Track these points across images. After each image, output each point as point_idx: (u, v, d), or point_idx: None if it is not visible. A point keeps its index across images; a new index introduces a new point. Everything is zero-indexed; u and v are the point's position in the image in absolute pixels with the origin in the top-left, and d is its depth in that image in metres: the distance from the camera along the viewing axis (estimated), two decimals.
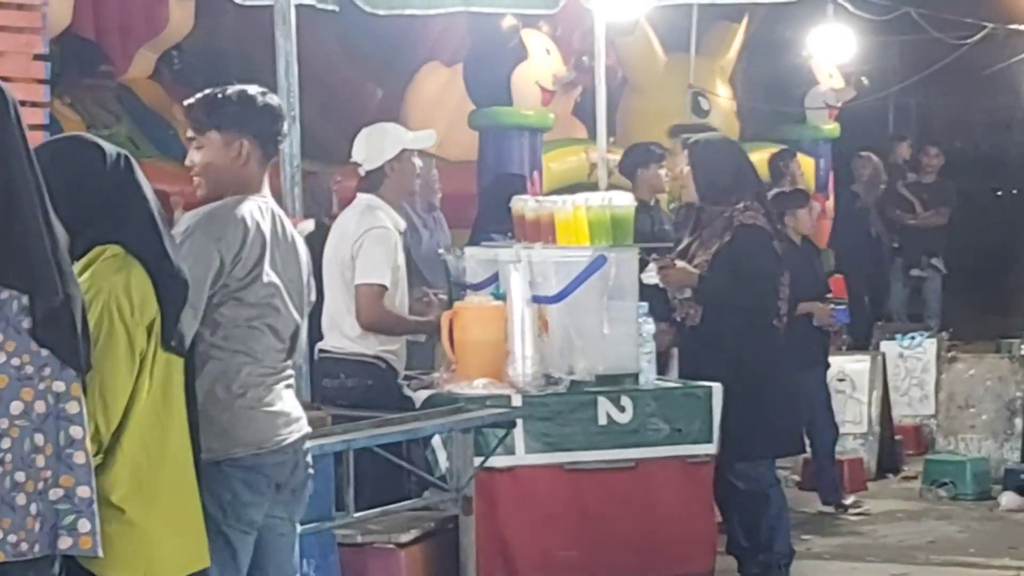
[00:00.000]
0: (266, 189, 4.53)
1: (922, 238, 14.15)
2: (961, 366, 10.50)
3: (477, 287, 6.96)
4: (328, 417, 5.85)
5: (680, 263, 6.90)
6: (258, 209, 4.43)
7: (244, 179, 4.47)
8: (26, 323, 3.46)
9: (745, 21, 14.14)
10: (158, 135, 11.29)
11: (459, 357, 6.63)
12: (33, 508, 3.47)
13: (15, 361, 3.45)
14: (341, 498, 5.53)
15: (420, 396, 6.59)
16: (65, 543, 3.52)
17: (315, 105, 9.16)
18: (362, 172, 6.68)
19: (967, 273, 15.43)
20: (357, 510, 5.60)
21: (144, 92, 11.83)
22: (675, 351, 7.44)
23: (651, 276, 6.90)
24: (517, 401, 6.39)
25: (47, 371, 3.49)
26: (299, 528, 4.70)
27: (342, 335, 6.59)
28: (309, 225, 6.34)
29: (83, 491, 3.55)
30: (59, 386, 3.51)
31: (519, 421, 6.35)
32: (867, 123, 16.20)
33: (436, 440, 6.33)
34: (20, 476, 3.45)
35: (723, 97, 13.83)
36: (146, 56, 12.00)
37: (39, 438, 3.48)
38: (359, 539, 5.92)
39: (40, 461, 3.48)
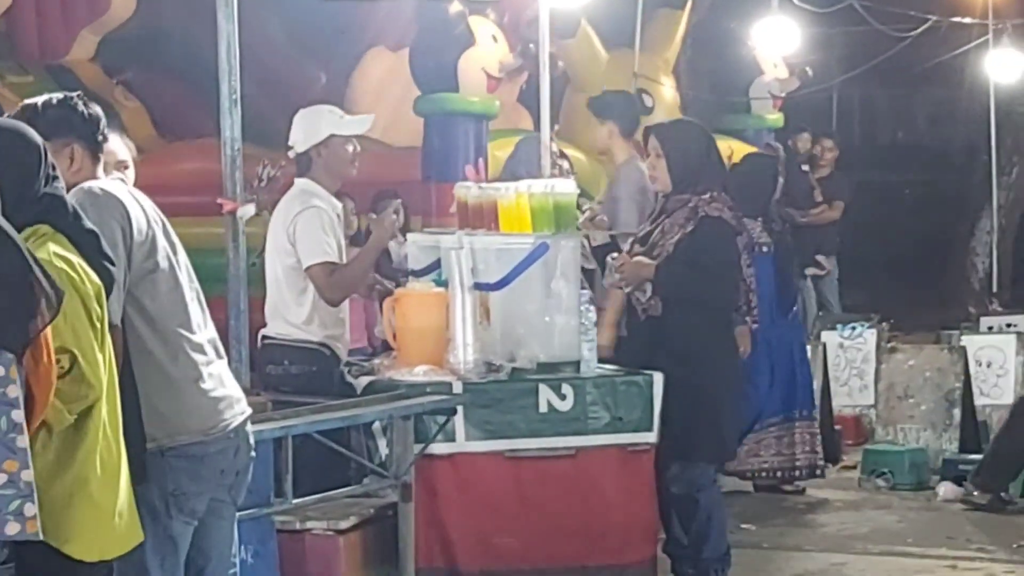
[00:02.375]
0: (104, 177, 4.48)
1: (814, 235, 13.81)
2: (901, 357, 10.57)
3: (419, 273, 6.95)
4: (268, 403, 5.84)
5: (637, 258, 6.80)
6: (123, 188, 4.42)
7: (79, 183, 4.39)
8: None
9: (688, 8, 14.14)
10: None
11: (400, 344, 6.62)
12: None
13: None
14: (280, 484, 5.52)
15: (361, 382, 6.57)
16: (12, 529, 3.49)
17: (258, 89, 9.11)
18: (291, 155, 6.69)
19: (907, 264, 15.54)
20: (296, 496, 5.59)
21: (86, 74, 11.75)
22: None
23: (613, 279, 6.86)
24: (458, 388, 6.38)
25: None
26: (237, 513, 4.69)
27: (286, 322, 6.58)
28: (250, 209, 6.31)
29: (27, 475, 3.52)
30: None
31: (459, 408, 6.34)
32: (811, 113, 16.29)
33: (376, 427, 6.32)
34: None
35: (667, 88, 13.84)
36: (88, 38, 11.93)
37: None
38: (298, 525, 5.90)
39: None
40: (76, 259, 3.90)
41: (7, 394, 3.49)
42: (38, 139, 4.00)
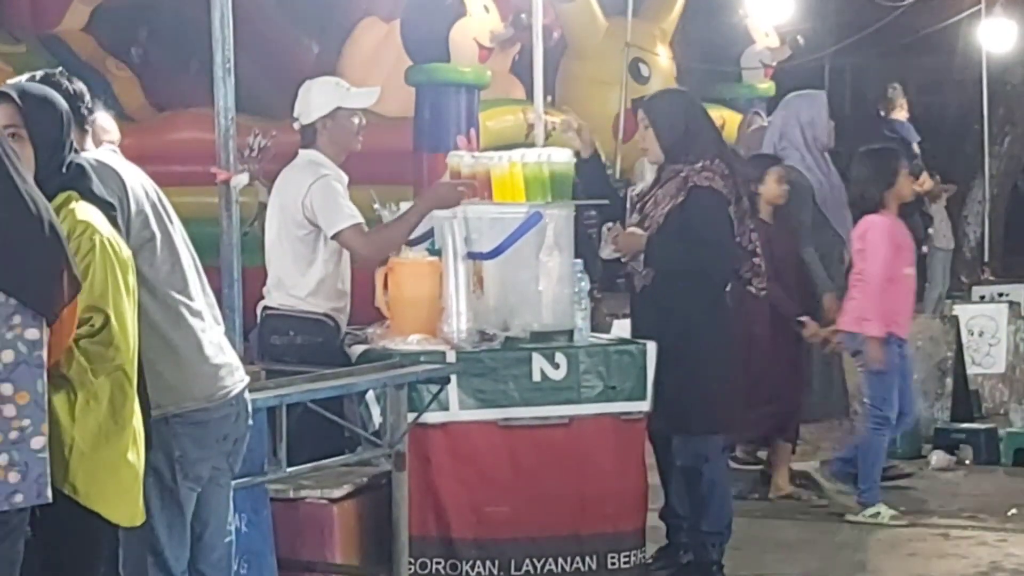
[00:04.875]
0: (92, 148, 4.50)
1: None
2: None
3: (413, 243, 6.93)
4: (262, 372, 5.83)
5: (631, 229, 6.79)
6: (118, 159, 4.44)
7: None
8: None
9: None
10: (92, 88, 11.17)
11: (394, 312, 6.62)
12: (4, 459, 3.43)
13: None
14: (274, 453, 5.52)
15: (355, 351, 6.57)
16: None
17: (251, 59, 9.10)
18: (296, 127, 6.67)
19: None
20: (290, 465, 5.60)
21: (78, 45, 11.73)
22: None
23: (608, 250, 6.85)
24: (451, 357, 6.38)
25: (16, 319, 3.47)
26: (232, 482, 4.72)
27: (290, 294, 6.55)
28: (244, 179, 6.28)
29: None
30: (32, 334, 3.50)
31: (453, 377, 6.34)
32: (802, 83, 16.24)
33: (370, 396, 6.32)
34: None
35: (663, 58, 13.83)
36: (80, 8, 11.91)
37: (7, 388, 3.44)
38: (292, 494, 5.91)
39: (10, 411, 3.45)
40: (109, 227, 3.95)
41: (42, 357, 3.51)
42: (63, 106, 4.04)
